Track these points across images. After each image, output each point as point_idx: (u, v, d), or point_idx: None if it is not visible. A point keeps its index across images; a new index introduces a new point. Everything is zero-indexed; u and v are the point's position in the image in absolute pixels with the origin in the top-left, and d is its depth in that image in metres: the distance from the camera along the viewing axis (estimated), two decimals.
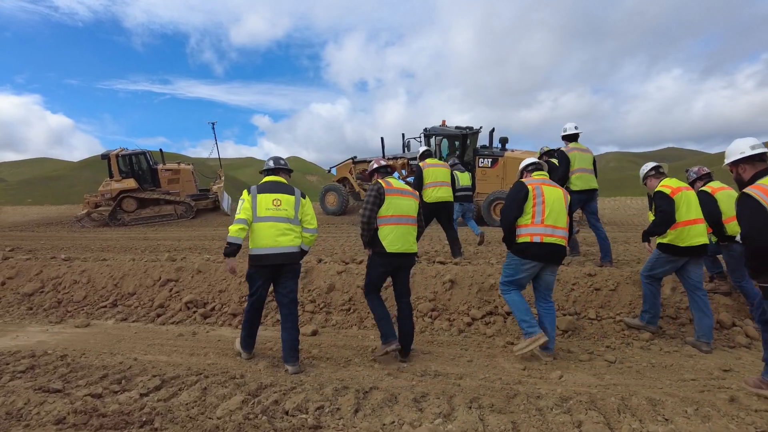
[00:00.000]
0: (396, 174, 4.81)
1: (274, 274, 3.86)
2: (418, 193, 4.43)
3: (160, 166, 16.98)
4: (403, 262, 3.98)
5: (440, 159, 15.98)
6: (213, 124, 17.69)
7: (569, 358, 4.00)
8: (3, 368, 3.66)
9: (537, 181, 4.04)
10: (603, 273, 5.29)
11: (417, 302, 5.14)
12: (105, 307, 5.66)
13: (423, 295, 5.22)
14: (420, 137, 16.57)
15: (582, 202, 6.20)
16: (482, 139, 16.15)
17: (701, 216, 4.29)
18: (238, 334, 4.64)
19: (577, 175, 6.14)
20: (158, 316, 5.35)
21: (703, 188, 4.92)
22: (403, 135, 17.23)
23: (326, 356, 4.07)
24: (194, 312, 5.39)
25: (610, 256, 6.11)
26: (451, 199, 6.57)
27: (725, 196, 4.71)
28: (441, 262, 6.06)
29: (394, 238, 3.86)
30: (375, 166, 4.25)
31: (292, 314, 3.86)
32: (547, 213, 3.88)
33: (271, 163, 4.05)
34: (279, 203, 3.82)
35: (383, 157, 16.84)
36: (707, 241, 4.28)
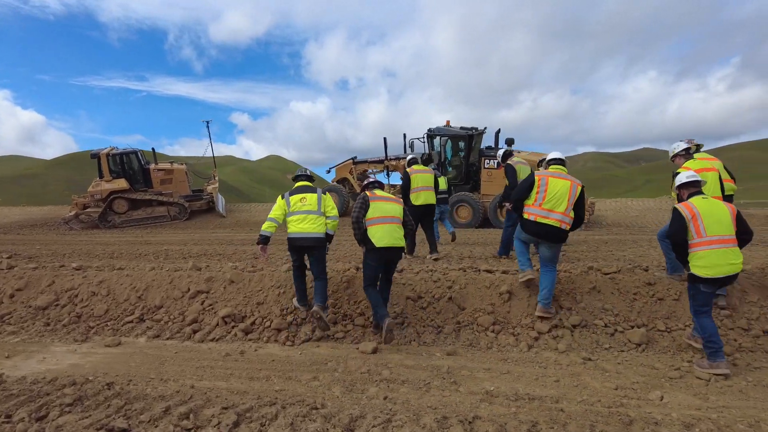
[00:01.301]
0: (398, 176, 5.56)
1: (303, 255, 4.99)
2: (401, 199, 5.46)
3: (152, 166, 16.33)
4: (392, 255, 4.74)
5: (445, 160, 15.83)
6: (208, 122, 17.14)
7: (657, 375, 3.78)
8: (46, 401, 3.23)
9: (547, 173, 4.83)
10: (663, 282, 5.11)
11: (475, 314, 4.88)
12: (131, 322, 5.21)
13: (481, 308, 4.95)
14: (423, 137, 16.33)
15: None
16: (487, 140, 16.01)
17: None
18: (289, 352, 4.34)
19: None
20: (194, 332, 4.93)
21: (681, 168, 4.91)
22: (404, 135, 16.95)
23: (401, 378, 3.75)
24: (233, 327, 4.99)
25: None
26: (434, 202, 7.20)
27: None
28: (488, 271, 5.79)
29: (382, 234, 4.63)
30: (365, 182, 5.14)
31: (323, 282, 4.91)
32: (547, 199, 4.64)
33: (299, 172, 5.37)
34: (305, 200, 4.92)
35: (386, 157, 16.54)
36: None
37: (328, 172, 18.24)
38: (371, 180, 5.13)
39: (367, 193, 4.90)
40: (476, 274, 5.58)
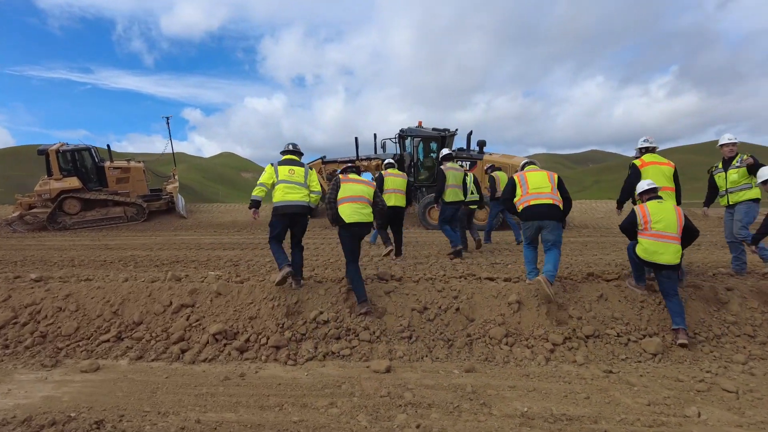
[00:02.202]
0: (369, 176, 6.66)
1: (290, 223, 5.26)
2: (373, 182, 5.79)
3: (107, 164, 15.22)
4: (362, 231, 5.26)
5: (417, 161, 15.68)
6: (168, 118, 16.18)
7: (684, 387, 3.71)
8: None
9: (523, 172, 5.52)
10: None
11: (486, 326, 4.68)
12: (108, 341, 4.66)
13: (490, 319, 4.76)
14: (395, 138, 16.12)
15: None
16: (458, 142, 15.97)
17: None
18: (294, 373, 4.00)
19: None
20: (183, 352, 4.45)
21: (635, 161, 5.70)
22: (375, 135, 16.69)
23: (426, 402, 3.48)
24: (225, 345, 4.55)
25: None
26: (404, 205, 7.52)
27: (653, 170, 5.53)
28: (490, 279, 5.63)
29: (350, 212, 5.15)
30: (343, 167, 5.71)
31: (300, 252, 5.46)
32: (531, 187, 5.27)
33: (290, 147, 5.55)
34: (293, 172, 5.29)
35: (357, 157, 16.21)
36: None
37: (311, 167, 17.71)
38: (348, 165, 5.68)
39: (340, 176, 5.45)
40: (479, 282, 5.40)
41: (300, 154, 5.60)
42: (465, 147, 15.53)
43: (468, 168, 14.83)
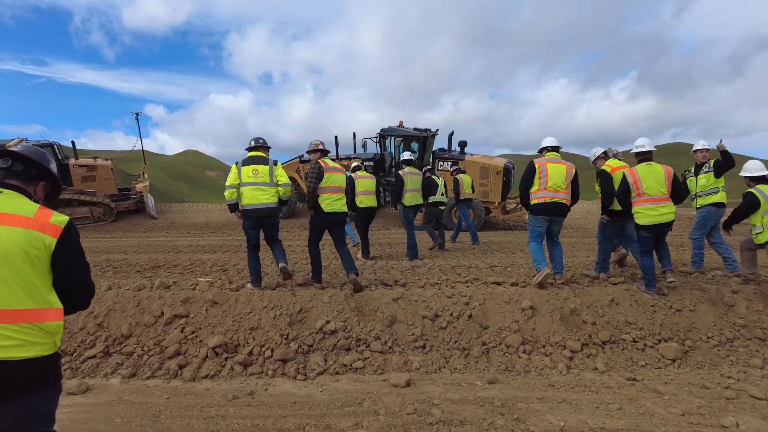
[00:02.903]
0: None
1: (260, 226, 5.28)
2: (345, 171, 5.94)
3: (71, 161, 14.36)
4: (337, 219, 5.52)
5: (398, 161, 15.49)
6: (137, 114, 15.39)
7: (712, 395, 3.64)
8: None
9: (545, 159, 5.46)
10: (676, 292, 5.11)
11: (501, 333, 4.52)
12: (95, 357, 4.24)
13: (505, 326, 4.61)
14: (376, 137, 15.87)
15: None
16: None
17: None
18: (307, 389, 3.72)
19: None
20: (180, 368, 4.09)
21: (603, 166, 5.99)
22: (354, 134, 16.41)
23: (457, 419, 3.27)
24: (226, 359, 4.22)
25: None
26: (376, 205, 7.70)
27: (620, 174, 5.65)
28: (497, 283, 5.49)
29: (330, 202, 5.39)
30: (313, 148, 5.60)
31: (277, 245, 5.46)
32: (550, 183, 5.33)
33: (252, 143, 5.41)
34: (257, 172, 5.15)
35: (337, 156, 15.86)
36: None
37: (275, 163, 17.21)
38: (321, 148, 5.60)
39: (321, 162, 5.45)
40: (488, 287, 5.25)
41: (267, 148, 5.46)
42: (446, 147, 15.46)
43: (449, 168, 14.80)
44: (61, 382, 1.80)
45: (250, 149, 5.36)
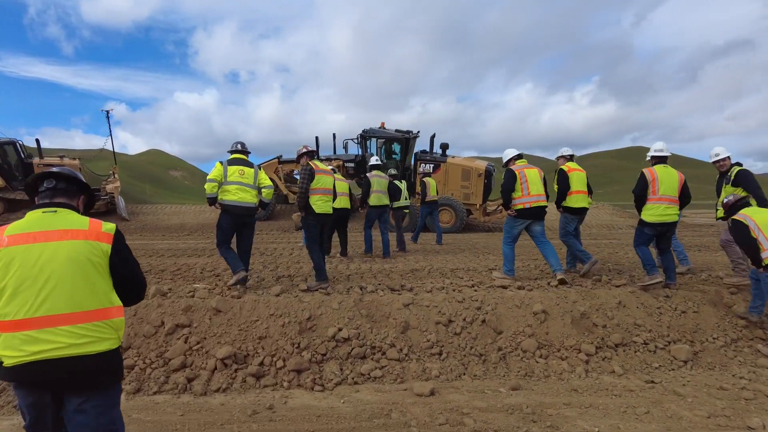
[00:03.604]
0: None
1: (239, 225, 5.44)
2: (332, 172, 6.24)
3: (35, 160, 13.56)
4: (327, 219, 5.88)
5: (381, 162, 15.37)
6: (108, 112, 14.71)
7: (732, 396, 3.70)
8: None
9: (521, 166, 5.92)
10: (679, 295, 5.22)
11: (516, 338, 4.49)
12: None
13: (519, 330, 4.57)
14: (357, 139, 15.71)
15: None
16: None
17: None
18: (328, 401, 3.57)
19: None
20: (189, 381, 3.85)
21: (563, 166, 6.50)
22: (334, 135, 16.24)
23: (491, 428, 3.19)
24: (236, 371, 4.01)
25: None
26: (350, 207, 8.01)
27: (576, 176, 6.35)
28: (503, 287, 5.46)
29: (321, 203, 5.66)
30: (303, 151, 5.84)
31: (248, 253, 5.66)
32: (532, 189, 5.74)
33: (239, 146, 5.63)
34: (243, 173, 5.39)
35: (317, 157, 15.61)
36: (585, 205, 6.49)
37: (259, 167, 16.79)
38: (310, 149, 5.87)
39: (312, 164, 5.67)
40: (498, 291, 5.22)
41: (248, 153, 5.70)
42: (428, 150, 15.46)
43: (432, 171, 14.82)
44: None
45: (233, 152, 5.59)
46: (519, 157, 6.08)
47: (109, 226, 2.01)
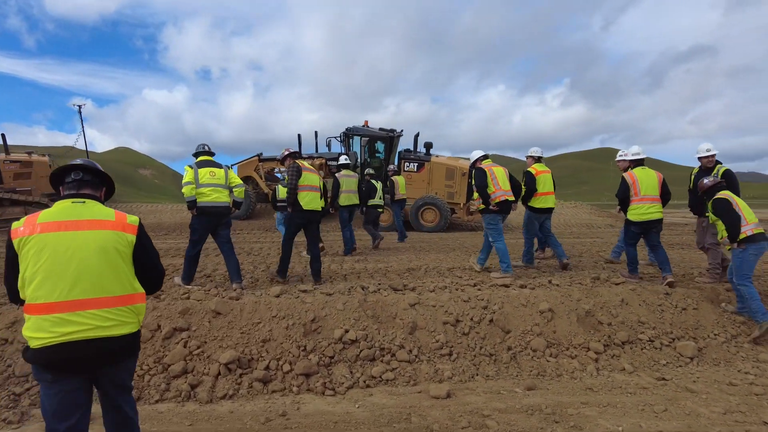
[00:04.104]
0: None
1: (214, 224, 5.46)
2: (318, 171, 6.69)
3: (1, 156, 12.84)
4: (313, 216, 5.95)
5: (365, 161, 15.22)
6: (80, 107, 14.09)
7: (743, 391, 3.72)
8: None
9: (490, 165, 6.33)
10: (678, 292, 5.28)
11: (525, 337, 4.44)
12: None
13: (527, 329, 4.53)
14: (340, 137, 15.52)
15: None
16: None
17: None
18: (342, 405, 3.44)
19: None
20: (192, 387, 3.64)
21: (530, 168, 6.95)
22: (316, 133, 16.03)
23: (514, 429, 3.12)
24: (241, 376, 3.82)
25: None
26: (324, 206, 8.15)
27: (543, 178, 6.79)
28: (505, 285, 5.42)
29: (309, 200, 5.81)
30: (287, 153, 6.05)
31: (231, 250, 5.56)
32: (500, 184, 6.17)
33: (207, 148, 5.72)
34: (214, 174, 5.47)
35: (300, 155, 15.33)
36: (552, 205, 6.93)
37: (230, 167, 16.37)
38: (293, 150, 6.05)
39: (298, 163, 5.89)
40: (502, 290, 5.17)
41: (213, 154, 5.77)
42: (412, 149, 15.39)
43: (416, 169, 14.77)
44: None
45: (199, 154, 5.65)
46: (485, 157, 6.45)
47: (133, 218, 2.14)
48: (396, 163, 15.25)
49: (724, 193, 4.98)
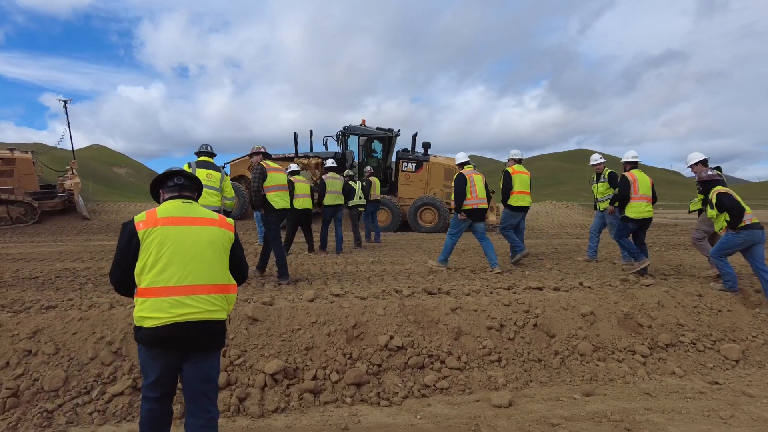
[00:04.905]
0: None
1: None
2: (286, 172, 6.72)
3: None
4: (284, 214, 6.11)
5: (361, 161, 15.03)
6: (66, 102, 13.49)
7: None
8: None
9: (469, 171, 6.71)
10: (710, 294, 5.28)
11: (571, 341, 4.36)
12: (121, 395, 3.41)
13: (572, 333, 4.45)
14: (337, 136, 15.29)
15: None
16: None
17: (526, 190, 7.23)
18: (404, 417, 3.30)
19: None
20: (240, 400, 3.42)
21: (507, 168, 7.27)
22: (311, 131, 15.75)
23: None
24: (288, 387, 3.61)
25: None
26: (311, 207, 8.20)
27: (519, 178, 7.14)
28: (539, 288, 5.32)
29: (279, 200, 5.89)
30: (253, 150, 6.15)
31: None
32: (477, 192, 6.63)
33: (209, 148, 5.76)
34: (211, 177, 5.49)
35: (296, 154, 15.03)
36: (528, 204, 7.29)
37: (223, 167, 15.96)
38: (263, 150, 6.11)
39: (263, 164, 5.90)
40: (539, 293, 5.08)
41: (214, 155, 5.80)
42: (410, 149, 15.26)
43: (414, 169, 14.65)
44: None
45: (200, 153, 5.69)
46: (467, 163, 6.91)
47: (230, 220, 2.45)
48: (394, 162, 15.13)
49: (725, 189, 5.43)
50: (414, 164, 14.63)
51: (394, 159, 15.21)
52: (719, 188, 5.44)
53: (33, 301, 4.61)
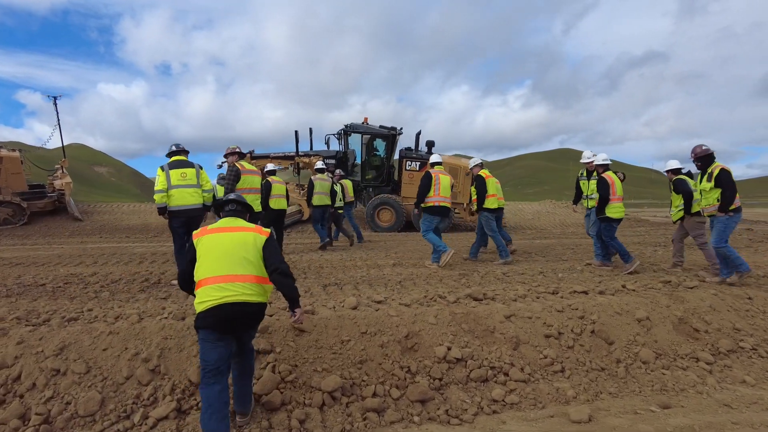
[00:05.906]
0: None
1: (188, 225, 5.40)
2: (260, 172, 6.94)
3: None
4: (257, 216, 6.07)
5: (364, 159, 14.71)
6: (56, 98, 12.86)
7: None
8: None
9: (436, 171, 7.01)
10: (760, 296, 5.14)
11: (631, 348, 4.15)
12: (166, 419, 3.07)
13: (630, 339, 4.25)
14: (339, 134, 14.93)
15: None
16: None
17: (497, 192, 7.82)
18: None
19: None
20: (301, 423, 3.10)
21: (480, 173, 7.63)
22: (310, 130, 15.37)
23: None
24: (347, 405, 3.32)
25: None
26: (286, 208, 8.31)
27: (492, 181, 7.71)
28: (584, 292, 5.11)
29: (251, 201, 5.52)
30: (229, 151, 6.32)
31: None
32: (441, 191, 6.90)
33: (174, 148, 5.66)
34: (185, 176, 5.46)
35: (296, 152, 14.63)
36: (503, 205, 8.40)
37: (219, 167, 15.46)
38: (238, 150, 6.24)
39: (238, 165, 6.08)
40: (589, 298, 4.86)
41: (186, 152, 5.73)
42: (413, 147, 14.99)
43: (418, 168, 14.38)
44: None
45: (172, 153, 5.62)
46: (438, 163, 7.22)
47: (265, 229, 2.97)
48: (397, 161, 14.85)
49: (724, 165, 5.48)
50: (418, 163, 14.36)
51: (397, 157, 14.91)
52: (721, 164, 5.52)
53: (50, 312, 4.22)
